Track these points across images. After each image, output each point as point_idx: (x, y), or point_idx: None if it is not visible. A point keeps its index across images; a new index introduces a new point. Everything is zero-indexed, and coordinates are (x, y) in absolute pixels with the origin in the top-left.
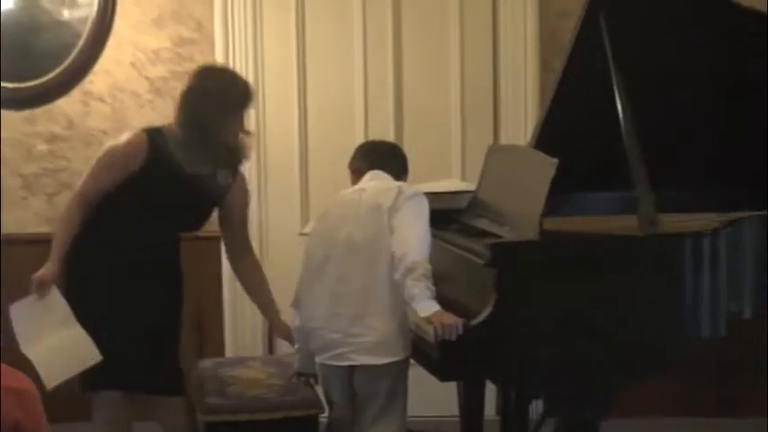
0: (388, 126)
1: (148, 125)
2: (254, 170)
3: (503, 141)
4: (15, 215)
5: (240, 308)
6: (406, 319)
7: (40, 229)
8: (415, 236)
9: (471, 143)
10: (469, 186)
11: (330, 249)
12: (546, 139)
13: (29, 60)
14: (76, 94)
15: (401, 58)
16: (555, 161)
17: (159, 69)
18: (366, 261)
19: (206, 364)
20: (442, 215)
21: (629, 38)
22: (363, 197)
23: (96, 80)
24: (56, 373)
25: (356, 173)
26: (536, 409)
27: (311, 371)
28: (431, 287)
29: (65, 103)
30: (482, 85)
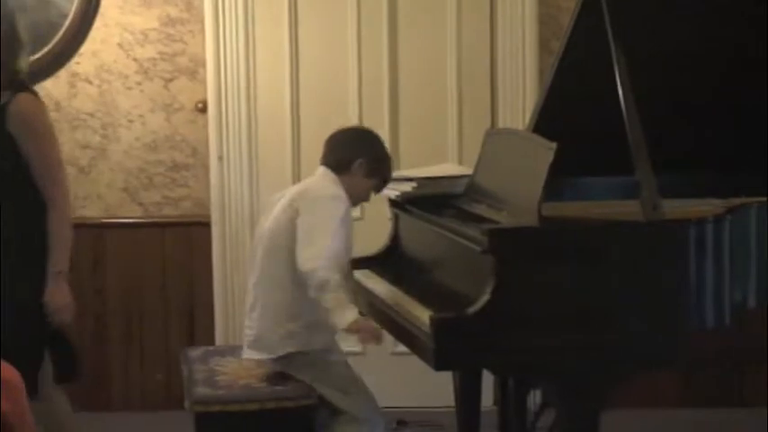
0: (384, 110)
1: None
2: (245, 154)
3: (500, 125)
4: None
5: (231, 295)
6: (310, 316)
7: None
8: (322, 246)
9: (468, 127)
10: (466, 171)
11: (256, 243)
12: (544, 122)
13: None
14: (63, 75)
15: (396, 39)
16: (554, 145)
17: (147, 50)
18: (263, 257)
19: (196, 352)
20: (439, 200)
21: (630, 18)
22: (287, 194)
23: (83, 61)
24: None
25: None
26: (534, 399)
27: None
28: (344, 298)
29: (51, 85)
30: (479, 68)
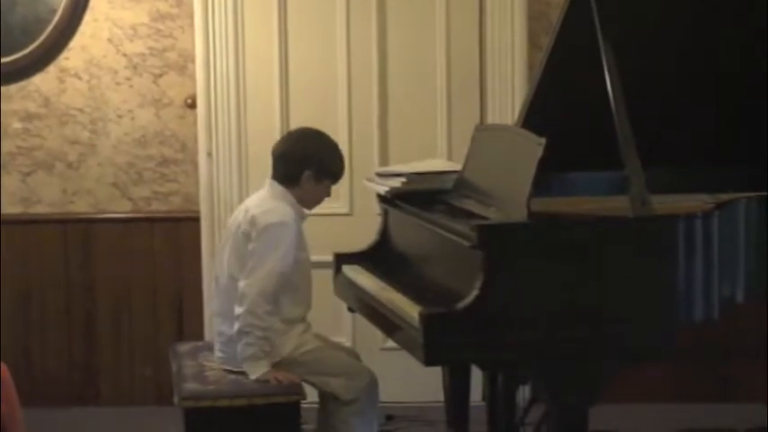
0: (373, 105)
1: None
2: (234, 149)
3: (489, 120)
4: None
5: None
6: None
7: (13, 209)
8: (255, 281)
9: (457, 122)
10: (455, 166)
11: (216, 272)
12: (533, 118)
13: (3, 36)
14: (52, 70)
15: (385, 34)
16: (542, 141)
17: (137, 45)
18: (226, 288)
19: (185, 347)
20: (428, 196)
21: (619, 13)
22: (239, 218)
23: (72, 56)
24: None
25: None
26: (523, 394)
27: None
28: (262, 349)
29: (40, 80)
30: (468, 63)
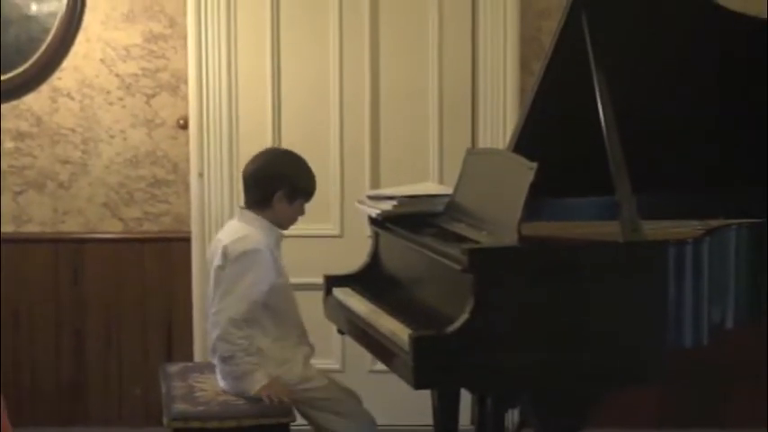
0: (364, 127)
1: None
2: (225, 170)
3: (481, 144)
4: None
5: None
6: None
7: (5, 228)
8: (225, 310)
9: (449, 146)
10: (447, 190)
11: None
12: (525, 142)
13: None
14: (44, 90)
15: (378, 57)
16: (534, 165)
17: (130, 66)
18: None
19: (174, 368)
20: (419, 219)
21: (611, 39)
22: (216, 253)
23: (65, 76)
24: None
25: None
26: (512, 418)
27: None
28: (251, 363)
29: (32, 100)
30: (460, 87)
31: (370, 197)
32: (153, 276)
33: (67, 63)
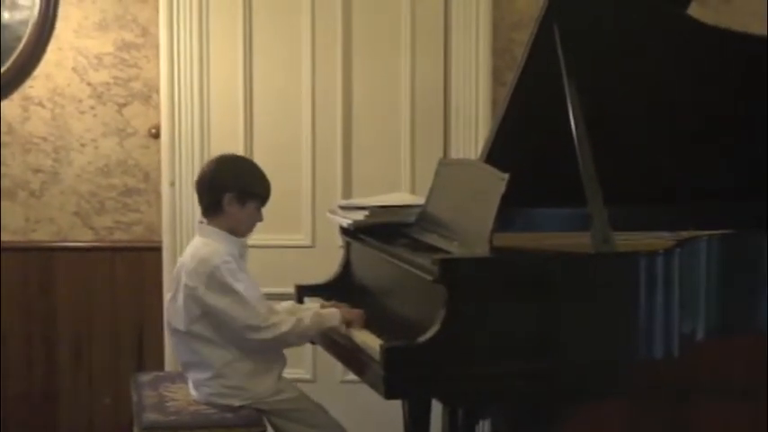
0: (336, 138)
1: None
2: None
3: (453, 155)
4: None
5: None
6: (243, 371)
7: None
8: (248, 316)
9: (421, 156)
10: (419, 200)
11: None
12: (497, 153)
13: None
14: (16, 98)
15: (350, 67)
16: (506, 176)
17: (102, 74)
18: (186, 335)
19: (145, 377)
20: (391, 229)
21: (583, 51)
22: (179, 265)
23: (36, 85)
24: None
25: None
26: (483, 429)
27: None
28: (309, 320)
29: (4, 108)
30: (433, 98)
31: (342, 207)
32: (124, 286)
33: (39, 71)
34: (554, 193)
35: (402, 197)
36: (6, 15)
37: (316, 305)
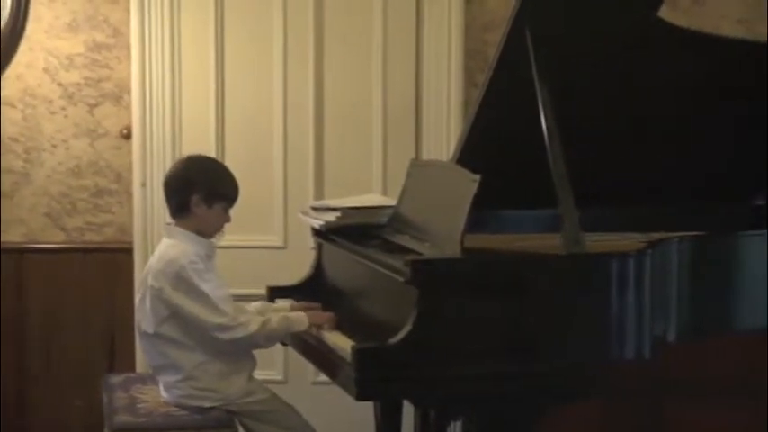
0: (308, 138)
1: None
2: None
3: (425, 156)
4: None
5: None
6: (213, 372)
7: None
8: (215, 316)
9: (393, 158)
10: (390, 201)
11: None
12: (469, 154)
13: None
14: None
15: (322, 69)
16: (477, 177)
17: (73, 75)
18: (144, 326)
19: (116, 379)
20: (362, 230)
21: (555, 52)
22: (147, 267)
23: (7, 85)
24: None
25: None
26: (455, 430)
27: None
28: (276, 323)
29: None
30: (404, 99)
31: (314, 208)
32: (95, 287)
33: (10, 72)
34: (525, 194)
35: (374, 198)
36: None
37: (287, 304)
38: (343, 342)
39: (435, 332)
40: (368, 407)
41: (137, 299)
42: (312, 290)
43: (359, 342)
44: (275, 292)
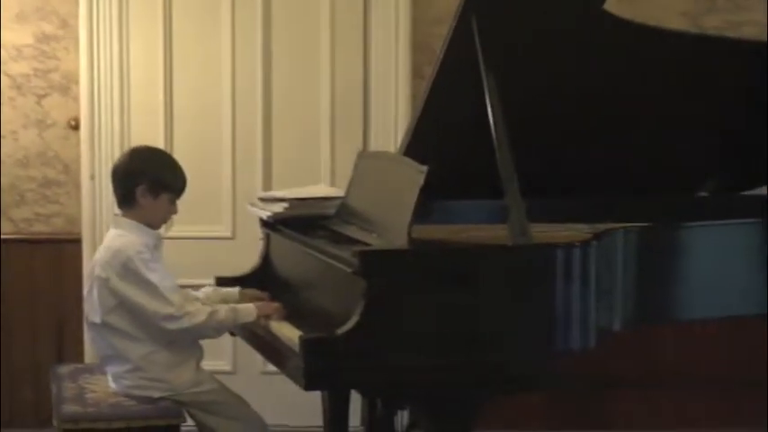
0: (256, 129)
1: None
2: None
3: (372, 148)
4: None
5: None
6: (161, 363)
7: None
8: (161, 305)
9: (341, 149)
10: (338, 192)
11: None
12: (416, 145)
13: None
14: None
15: (270, 62)
16: (425, 169)
17: (21, 66)
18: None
19: (64, 369)
20: (310, 221)
21: (502, 44)
22: (94, 260)
23: None
24: None
25: None
26: (402, 419)
27: None
28: (224, 313)
29: None
30: (352, 92)
31: (262, 199)
32: (43, 278)
33: None
34: (473, 185)
35: (322, 189)
36: None
37: (235, 291)
38: (290, 332)
39: (382, 322)
40: (316, 396)
41: (85, 290)
42: (260, 280)
43: (306, 332)
44: (223, 283)
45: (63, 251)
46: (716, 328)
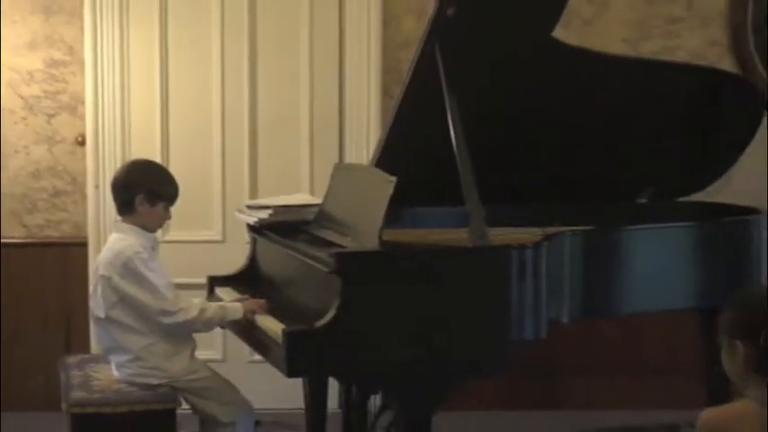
0: (244, 145)
1: None
2: None
3: (347, 160)
4: None
5: None
6: (158, 353)
7: None
8: (157, 302)
9: (319, 161)
10: (317, 200)
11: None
12: (386, 158)
13: None
14: None
15: (256, 85)
16: (393, 179)
17: (33, 89)
18: (97, 312)
19: (72, 359)
20: (292, 226)
21: (462, 67)
22: (99, 259)
23: None
24: None
25: None
26: (374, 402)
27: None
28: (213, 311)
29: None
30: (329, 110)
31: (249, 207)
32: (54, 277)
33: None
34: (438, 192)
35: (302, 197)
36: None
37: (227, 296)
38: (274, 326)
39: (356, 317)
40: (298, 382)
41: (90, 288)
42: (247, 279)
43: (288, 325)
44: (215, 281)
45: (71, 253)
46: (653, 320)
